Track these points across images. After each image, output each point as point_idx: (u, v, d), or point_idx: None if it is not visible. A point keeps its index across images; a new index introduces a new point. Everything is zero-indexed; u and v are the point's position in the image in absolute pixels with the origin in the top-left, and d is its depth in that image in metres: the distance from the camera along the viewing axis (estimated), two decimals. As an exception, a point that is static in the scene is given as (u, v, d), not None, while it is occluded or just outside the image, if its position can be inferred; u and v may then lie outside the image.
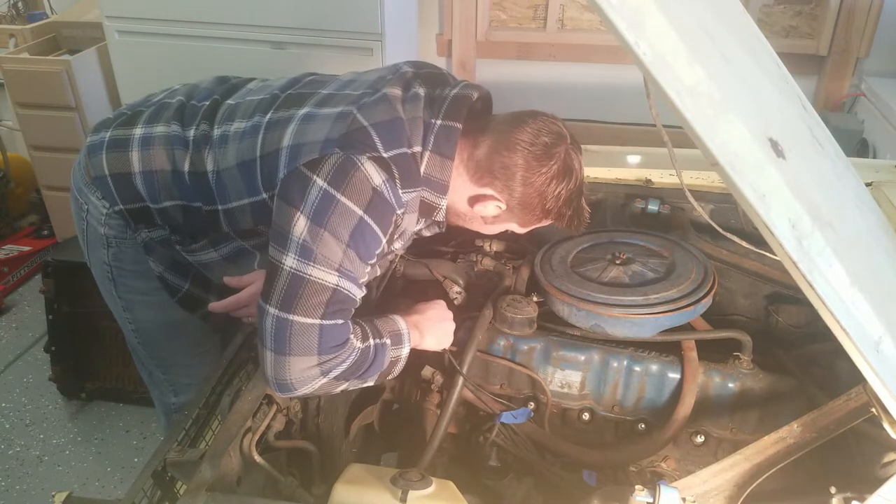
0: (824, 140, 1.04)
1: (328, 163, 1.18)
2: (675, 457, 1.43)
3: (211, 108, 1.42)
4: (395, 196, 1.22)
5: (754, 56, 0.95)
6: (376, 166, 1.19)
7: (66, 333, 2.53)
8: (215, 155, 1.35)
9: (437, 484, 1.08)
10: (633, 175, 1.89)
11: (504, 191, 1.29)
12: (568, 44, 3.59)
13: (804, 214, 0.82)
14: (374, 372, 1.27)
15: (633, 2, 0.69)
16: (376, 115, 1.24)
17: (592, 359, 1.43)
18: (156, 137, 1.41)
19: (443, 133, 1.27)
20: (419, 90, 1.31)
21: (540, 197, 1.29)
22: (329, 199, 1.16)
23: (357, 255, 1.19)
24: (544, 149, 1.27)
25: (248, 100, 1.40)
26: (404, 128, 1.25)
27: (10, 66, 3.26)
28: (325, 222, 1.16)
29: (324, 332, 1.17)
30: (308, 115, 1.28)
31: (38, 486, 2.37)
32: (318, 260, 1.16)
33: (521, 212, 1.33)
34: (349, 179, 1.17)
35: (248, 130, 1.32)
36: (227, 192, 1.34)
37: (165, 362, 1.71)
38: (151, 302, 1.57)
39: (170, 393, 1.75)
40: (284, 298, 1.17)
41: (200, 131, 1.39)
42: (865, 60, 3.29)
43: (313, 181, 1.17)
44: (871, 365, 0.90)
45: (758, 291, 1.63)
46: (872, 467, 1.11)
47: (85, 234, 1.54)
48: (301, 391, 1.20)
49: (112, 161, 1.42)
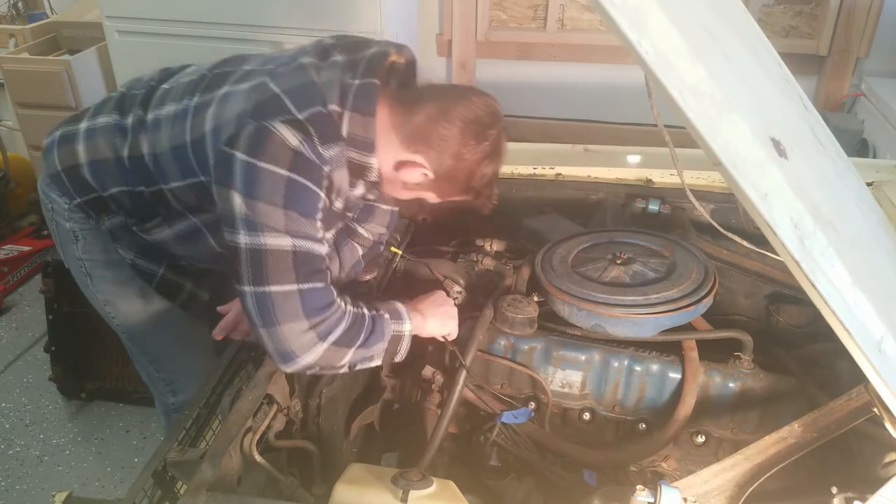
0: (825, 140, 1.04)
1: (243, 135, 1.19)
2: (676, 457, 1.43)
3: (146, 94, 1.45)
4: (315, 154, 1.21)
5: (756, 55, 0.95)
6: (290, 128, 1.19)
7: (66, 333, 2.53)
8: (150, 138, 1.38)
9: (437, 484, 1.08)
10: (633, 175, 1.89)
11: (434, 161, 1.28)
12: (568, 44, 3.59)
13: (806, 214, 0.82)
14: (376, 342, 1.28)
15: (635, 1, 0.69)
16: (288, 81, 1.25)
17: (593, 359, 1.43)
18: (98, 129, 1.45)
19: (361, 91, 1.26)
20: (337, 57, 1.32)
21: (467, 173, 1.29)
22: (252, 168, 1.18)
23: (298, 213, 1.20)
24: (482, 127, 1.26)
25: (180, 82, 1.42)
26: (317, 89, 1.24)
27: (10, 66, 3.26)
28: (256, 192, 1.17)
29: (304, 296, 1.20)
30: (226, 94, 1.31)
31: (38, 486, 2.36)
32: (264, 229, 1.18)
33: (444, 183, 1.32)
34: (265, 145, 1.18)
35: (179, 114, 1.35)
36: (166, 173, 1.37)
37: (156, 357, 1.71)
38: (129, 292, 1.59)
39: (168, 393, 1.75)
40: (254, 274, 1.19)
41: (136, 117, 1.42)
42: (865, 60, 3.29)
43: (234, 156, 1.19)
44: (874, 364, 0.90)
45: (758, 291, 1.63)
46: (874, 467, 1.11)
47: (56, 234, 1.57)
48: (305, 359, 1.21)
49: (62, 156, 1.47)
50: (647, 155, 2.03)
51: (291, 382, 1.33)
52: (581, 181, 1.92)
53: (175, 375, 1.73)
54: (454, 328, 1.43)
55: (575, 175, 1.92)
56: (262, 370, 1.30)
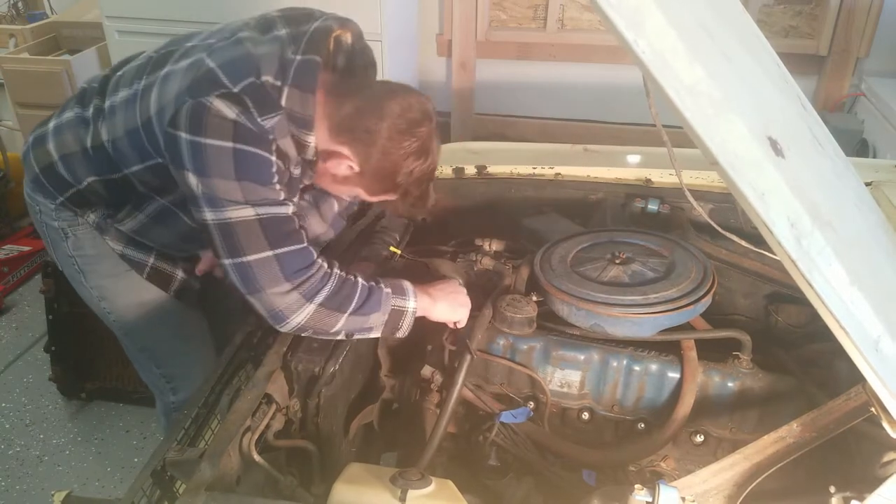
0: (824, 139, 1.04)
1: (182, 114, 1.20)
2: (675, 456, 1.43)
3: (102, 83, 1.47)
4: (255, 125, 1.22)
5: (754, 55, 0.95)
6: (225, 102, 1.20)
7: (66, 333, 2.53)
8: (107, 125, 1.40)
9: (436, 483, 1.08)
10: (632, 175, 1.89)
11: (360, 155, 1.29)
12: (568, 44, 3.60)
13: (804, 214, 0.82)
14: (371, 311, 1.30)
15: (633, 1, 0.69)
16: (224, 55, 1.26)
17: (592, 358, 1.43)
18: (64, 124, 1.47)
19: (301, 67, 1.26)
20: (280, 31, 1.31)
21: (393, 169, 1.29)
22: (197, 147, 1.19)
23: (252, 182, 1.21)
24: (410, 124, 1.27)
25: (130, 67, 1.44)
26: (252, 60, 1.24)
27: (10, 66, 3.27)
28: (207, 169, 1.19)
29: (281, 259, 1.22)
30: (167, 74, 1.32)
31: (38, 486, 2.36)
32: (225, 203, 1.20)
33: (371, 179, 1.32)
34: (204, 121, 1.19)
35: (130, 99, 1.37)
36: (126, 158, 1.38)
37: (154, 352, 1.72)
38: (123, 285, 1.60)
39: (168, 391, 1.75)
40: (228, 247, 1.22)
41: (95, 107, 1.44)
42: (865, 60, 3.29)
43: (179, 137, 1.20)
44: (871, 364, 0.90)
45: (757, 291, 1.63)
46: (872, 467, 1.10)
47: (46, 236, 1.59)
48: (294, 319, 1.24)
49: (38, 157, 1.50)
50: (647, 155, 2.03)
51: (290, 382, 1.33)
52: (580, 181, 1.92)
53: (175, 370, 1.74)
54: (465, 316, 1.43)
55: (574, 175, 1.92)
56: (261, 370, 1.30)
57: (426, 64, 3.76)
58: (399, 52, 3.22)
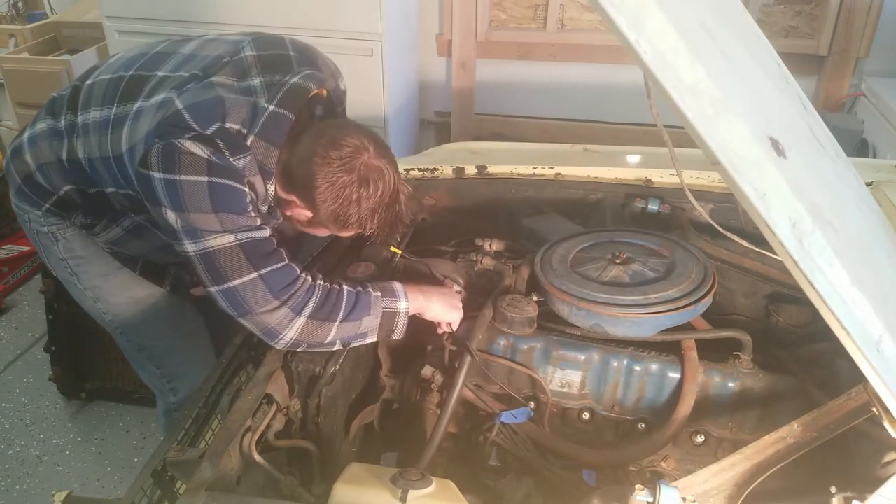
0: (825, 139, 1.04)
1: (153, 154, 1.21)
2: (675, 456, 1.43)
3: (72, 95, 1.46)
4: (227, 163, 1.22)
5: (755, 55, 0.95)
6: (197, 143, 1.21)
7: (66, 333, 2.53)
8: (83, 143, 1.41)
9: (436, 483, 1.08)
10: (633, 175, 1.89)
11: (308, 201, 1.29)
12: (568, 44, 3.60)
13: (805, 214, 0.82)
14: (361, 316, 1.31)
15: (634, 1, 0.69)
16: (194, 97, 1.26)
17: (592, 358, 1.43)
18: (38, 135, 1.48)
19: (272, 119, 1.27)
20: (254, 80, 1.31)
21: (344, 208, 1.27)
22: (172, 184, 1.20)
23: (229, 212, 1.22)
24: (342, 161, 1.25)
25: (99, 80, 1.44)
26: (220, 107, 1.25)
27: (10, 66, 3.27)
28: (184, 205, 1.20)
29: (266, 280, 1.23)
30: (138, 111, 1.32)
31: (38, 486, 2.36)
32: (204, 234, 1.21)
33: (329, 220, 1.31)
34: (177, 160, 1.20)
35: (103, 124, 1.37)
36: (103, 178, 1.40)
37: (153, 351, 1.72)
38: (116, 284, 1.61)
39: (169, 391, 1.75)
40: (213, 275, 1.23)
41: (67, 120, 1.45)
42: (865, 60, 3.29)
43: (151, 176, 1.21)
44: (872, 364, 0.90)
45: (758, 291, 1.63)
46: (873, 467, 1.10)
47: (37, 242, 1.60)
48: (287, 335, 1.26)
49: (17, 168, 1.51)
50: (647, 155, 2.03)
51: (291, 382, 1.33)
52: (581, 181, 1.92)
53: (174, 369, 1.74)
54: (457, 319, 1.44)
55: (575, 175, 1.92)
56: (262, 370, 1.30)
57: (426, 64, 3.75)
58: (399, 52, 3.22)
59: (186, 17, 2.99)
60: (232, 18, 2.94)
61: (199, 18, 2.98)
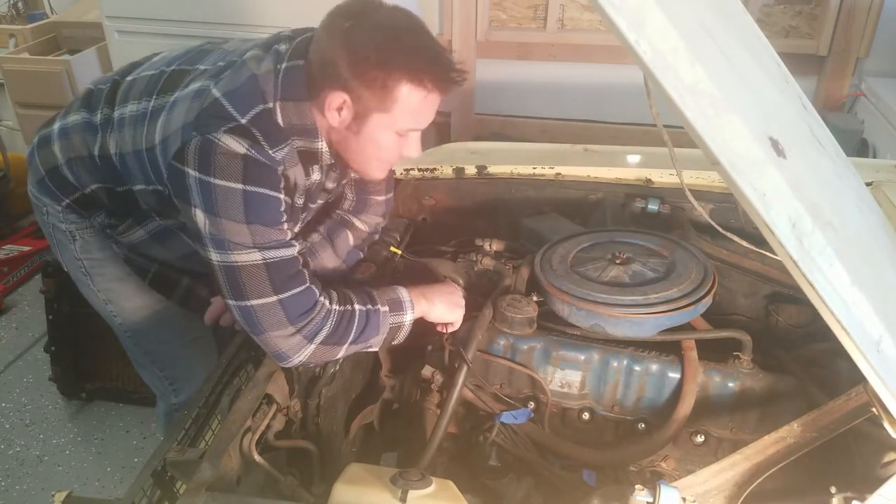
0: (825, 139, 1.04)
1: (190, 150, 1.16)
2: (675, 456, 1.43)
3: (111, 89, 1.44)
4: (266, 157, 1.19)
5: (755, 55, 0.95)
6: (234, 137, 1.16)
7: (66, 333, 2.53)
8: (116, 138, 1.38)
9: (436, 483, 1.08)
10: (633, 175, 1.89)
11: (335, 79, 1.19)
12: (568, 44, 3.59)
13: (805, 214, 0.82)
14: (371, 336, 1.29)
15: (634, 1, 0.69)
16: (231, 82, 1.22)
17: (592, 358, 1.43)
18: (70, 127, 1.46)
19: (287, 76, 1.22)
20: (281, 45, 1.27)
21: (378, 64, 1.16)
22: (206, 186, 1.16)
23: (262, 225, 1.19)
24: (354, 20, 1.17)
25: (141, 76, 1.41)
26: (258, 84, 1.21)
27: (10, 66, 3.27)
28: (216, 209, 1.16)
29: (285, 304, 1.20)
30: (174, 101, 1.28)
31: (38, 486, 2.36)
32: (232, 247, 1.18)
33: (368, 94, 1.18)
34: (213, 160, 1.15)
35: (139, 117, 1.34)
36: (131, 175, 1.37)
37: (159, 356, 1.71)
38: (129, 289, 1.59)
39: (171, 393, 1.75)
40: (233, 290, 1.21)
41: (104, 115, 1.42)
42: (865, 60, 3.29)
43: (186, 173, 1.17)
44: (872, 364, 0.90)
45: (758, 291, 1.63)
46: (872, 467, 1.10)
47: (52, 237, 1.58)
48: (297, 359, 1.24)
49: (43, 159, 1.48)
50: (647, 155, 2.03)
51: (291, 382, 1.33)
52: (581, 181, 1.92)
53: (178, 373, 1.73)
54: (460, 317, 1.43)
55: (575, 175, 1.92)
56: (262, 370, 1.30)
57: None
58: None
59: (187, 17, 2.99)
60: (232, 18, 2.94)
61: (199, 18, 2.98)
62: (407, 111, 1.22)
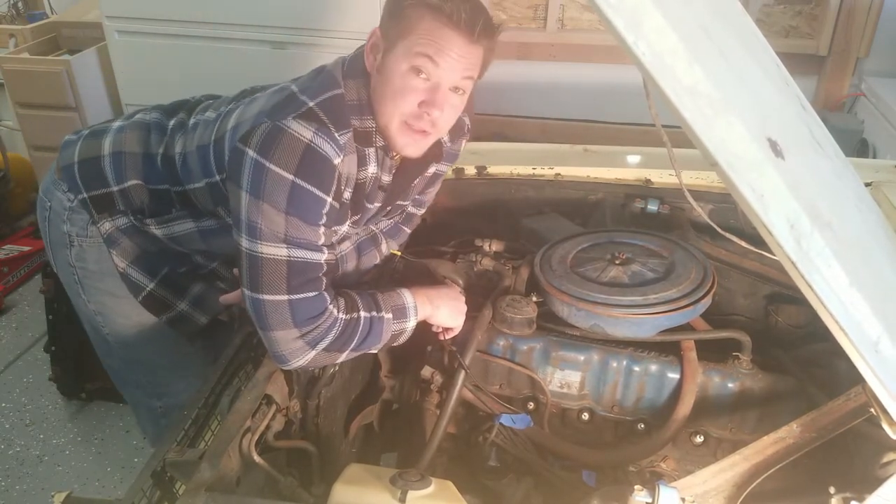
0: (823, 140, 1.04)
1: (257, 133, 1.20)
2: (675, 457, 1.43)
3: (194, 103, 1.50)
4: (332, 141, 1.21)
5: (754, 56, 0.95)
6: (302, 121, 1.20)
7: (66, 333, 2.52)
8: (184, 139, 1.41)
9: (436, 484, 1.08)
10: (632, 175, 1.89)
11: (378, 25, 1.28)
12: (568, 44, 3.59)
13: (803, 214, 0.82)
14: (373, 344, 1.30)
15: (632, 1, 0.69)
16: (309, 79, 1.31)
17: (592, 359, 1.43)
18: (130, 124, 1.48)
19: (353, 56, 1.32)
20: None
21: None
22: (260, 168, 1.18)
23: (300, 219, 1.20)
24: None
25: (226, 96, 1.46)
26: (331, 74, 1.30)
27: (10, 66, 3.26)
28: (262, 193, 1.18)
29: (294, 307, 1.21)
30: (253, 98, 1.34)
31: (38, 486, 2.36)
32: (264, 236, 1.19)
33: (393, 22, 1.23)
34: (277, 144, 1.18)
35: (213, 119, 1.38)
36: (190, 173, 1.39)
37: (147, 366, 1.67)
38: (122, 304, 1.56)
39: (153, 397, 1.71)
40: (251, 279, 1.22)
41: (179, 119, 1.46)
42: (865, 60, 3.29)
43: (246, 153, 1.20)
44: (870, 365, 0.90)
45: (757, 291, 1.63)
46: (871, 467, 1.11)
47: (48, 237, 1.56)
48: (295, 363, 1.24)
49: (84, 148, 1.49)
50: (647, 155, 2.03)
51: (290, 383, 1.33)
52: (580, 181, 1.92)
53: (162, 379, 1.69)
54: (461, 324, 1.43)
55: (574, 175, 1.92)
56: (261, 370, 1.30)
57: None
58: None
59: (186, 17, 2.98)
60: (232, 18, 2.93)
61: (198, 18, 2.98)
62: (424, 35, 1.21)
